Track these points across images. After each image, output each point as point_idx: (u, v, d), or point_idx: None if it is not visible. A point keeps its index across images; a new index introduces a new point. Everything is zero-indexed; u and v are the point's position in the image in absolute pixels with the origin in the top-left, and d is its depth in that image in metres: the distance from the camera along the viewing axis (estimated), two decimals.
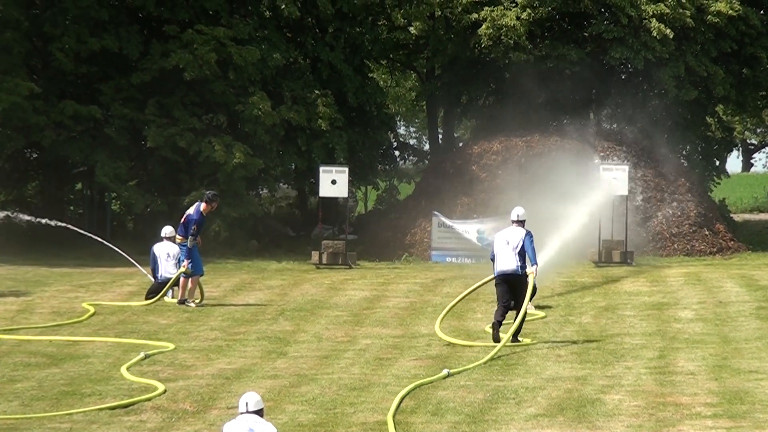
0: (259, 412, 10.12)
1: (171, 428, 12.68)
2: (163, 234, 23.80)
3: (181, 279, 22.41)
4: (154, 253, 23.47)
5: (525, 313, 18.27)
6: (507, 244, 18.25)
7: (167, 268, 23.12)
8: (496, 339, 17.68)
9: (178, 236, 22.69)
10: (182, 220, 22.80)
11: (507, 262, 18.18)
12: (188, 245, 22.24)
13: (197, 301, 22.45)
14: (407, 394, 13.92)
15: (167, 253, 23.30)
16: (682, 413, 12.99)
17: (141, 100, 34.44)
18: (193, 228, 22.29)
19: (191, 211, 22.75)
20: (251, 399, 10.16)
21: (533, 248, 18.18)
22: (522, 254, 18.13)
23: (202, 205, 22.65)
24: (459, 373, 15.50)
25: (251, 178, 35.08)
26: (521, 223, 18.47)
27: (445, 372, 15.33)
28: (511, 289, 18.21)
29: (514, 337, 17.94)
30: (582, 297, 23.61)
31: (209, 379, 15.11)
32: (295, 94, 35.68)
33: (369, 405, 13.50)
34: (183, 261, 22.33)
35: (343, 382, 14.88)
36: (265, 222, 38.82)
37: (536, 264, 18.22)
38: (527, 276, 18.12)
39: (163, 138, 33.56)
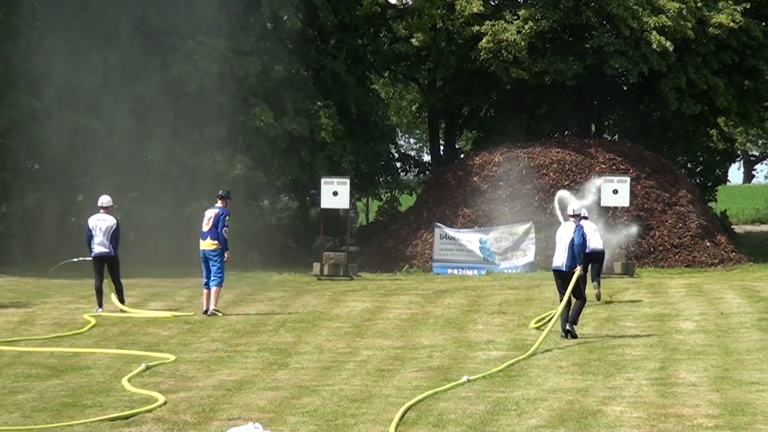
0: None
1: None
2: (99, 203, 23.29)
3: (213, 289, 22.40)
4: (87, 226, 23.07)
5: (563, 308, 19.33)
6: (560, 239, 19.49)
7: (99, 245, 22.84)
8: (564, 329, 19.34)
9: (211, 242, 22.48)
10: (207, 225, 22.49)
11: (558, 258, 19.49)
12: (225, 237, 22.28)
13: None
14: (413, 404, 13.91)
15: (99, 227, 22.88)
16: (684, 425, 12.97)
17: (142, 112, 34.48)
18: (226, 219, 22.34)
19: (215, 211, 22.58)
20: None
21: (579, 244, 19.23)
22: (572, 250, 19.21)
23: (219, 203, 22.72)
24: (477, 379, 15.69)
25: (252, 190, 35.13)
26: (576, 217, 19.69)
27: (464, 378, 15.52)
28: (564, 283, 19.35)
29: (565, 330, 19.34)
30: (583, 308, 23.54)
31: (210, 390, 15.08)
32: (297, 105, 35.74)
33: (370, 416, 13.47)
34: (216, 271, 22.33)
35: (345, 393, 14.86)
36: (267, 233, 38.84)
37: (581, 263, 19.30)
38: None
39: (164, 150, 33.60)
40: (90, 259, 23.46)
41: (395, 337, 19.97)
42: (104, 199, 23.42)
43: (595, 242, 23.83)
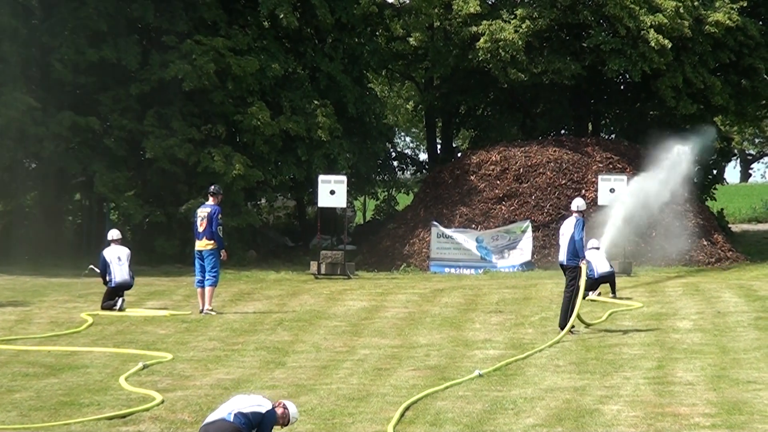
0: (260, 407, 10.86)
1: None
2: (110, 237, 23.78)
3: (208, 288, 22.42)
4: (104, 258, 23.34)
5: (576, 305, 19.64)
6: (563, 236, 19.96)
7: (121, 273, 23.15)
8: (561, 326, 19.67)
9: (207, 242, 22.48)
10: (202, 225, 22.49)
11: (561, 253, 19.97)
12: (220, 235, 22.36)
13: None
14: (414, 402, 13.91)
15: (118, 257, 23.28)
16: (681, 423, 12.98)
17: (140, 111, 34.50)
18: (219, 217, 22.41)
19: (207, 210, 22.59)
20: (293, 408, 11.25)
21: (581, 238, 19.62)
22: (573, 244, 19.61)
23: (211, 200, 22.73)
24: (490, 372, 15.89)
25: (250, 189, 35.12)
26: (580, 213, 20.05)
27: (476, 373, 15.67)
28: (568, 275, 19.83)
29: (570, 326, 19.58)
30: (580, 307, 23.54)
31: (207, 389, 15.08)
32: (294, 104, 35.75)
33: (367, 415, 13.47)
34: (211, 270, 22.31)
35: (342, 392, 14.86)
36: (264, 232, 38.83)
37: (583, 257, 19.69)
38: (575, 266, 19.67)
39: (161, 149, 33.60)
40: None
41: (392, 336, 19.97)
42: (114, 233, 23.98)
43: (602, 266, 24.47)
